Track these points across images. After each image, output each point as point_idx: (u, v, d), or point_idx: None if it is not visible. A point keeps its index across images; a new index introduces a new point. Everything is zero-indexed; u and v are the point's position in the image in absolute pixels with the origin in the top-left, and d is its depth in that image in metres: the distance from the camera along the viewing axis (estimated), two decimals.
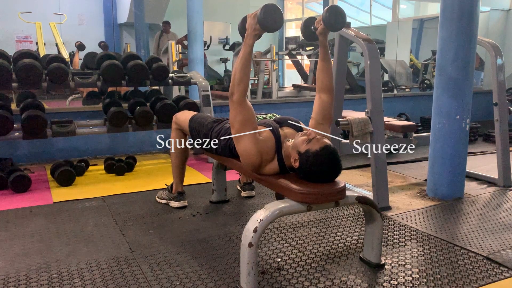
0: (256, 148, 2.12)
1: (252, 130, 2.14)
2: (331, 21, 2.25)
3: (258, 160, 2.14)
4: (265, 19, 2.02)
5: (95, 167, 4.11)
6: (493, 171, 3.76)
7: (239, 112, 2.13)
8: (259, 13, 2.03)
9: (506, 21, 7.79)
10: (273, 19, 2.05)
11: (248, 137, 2.13)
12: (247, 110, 2.14)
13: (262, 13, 2.02)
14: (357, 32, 3.20)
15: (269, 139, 2.18)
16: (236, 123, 2.16)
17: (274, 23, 2.05)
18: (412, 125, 4.09)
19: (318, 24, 2.33)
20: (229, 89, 2.14)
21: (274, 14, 2.04)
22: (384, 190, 3.09)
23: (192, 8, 5.92)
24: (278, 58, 8.96)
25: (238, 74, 2.12)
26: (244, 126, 2.14)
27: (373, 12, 11.88)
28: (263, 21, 2.03)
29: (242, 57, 2.11)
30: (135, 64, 3.86)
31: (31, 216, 2.89)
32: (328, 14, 2.24)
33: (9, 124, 3.44)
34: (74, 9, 10.01)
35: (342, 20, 2.26)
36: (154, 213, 2.96)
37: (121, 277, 2.09)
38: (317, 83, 2.41)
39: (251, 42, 2.10)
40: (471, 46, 3.12)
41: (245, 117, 2.14)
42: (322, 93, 2.39)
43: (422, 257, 2.34)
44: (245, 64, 2.11)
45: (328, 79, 2.38)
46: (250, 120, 2.15)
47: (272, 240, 2.54)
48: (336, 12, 2.24)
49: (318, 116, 2.37)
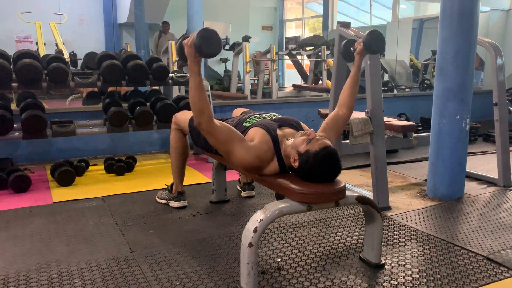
0: (250, 154, 2.10)
1: (238, 141, 2.10)
2: (371, 44, 2.38)
3: (256, 164, 2.12)
4: (202, 45, 1.91)
5: (95, 167, 4.11)
6: (493, 171, 3.76)
7: (216, 136, 2.08)
8: (195, 40, 1.92)
9: (506, 21, 7.79)
10: (210, 44, 1.93)
11: (238, 149, 2.09)
12: (221, 130, 2.09)
13: (198, 40, 1.91)
14: (357, 32, 3.20)
15: (265, 141, 2.15)
16: (219, 145, 2.12)
17: (212, 48, 1.94)
18: (412, 125, 4.08)
19: (358, 44, 2.47)
20: (195, 121, 2.08)
21: (210, 39, 1.93)
22: (384, 190, 3.09)
23: (192, 8, 5.92)
24: (278, 58, 8.97)
25: (197, 105, 2.02)
26: (228, 143, 2.09)
27: (373, 12, 11.88)
28: (201, 48, 1.92)
29: (194, 87, 2.00)
30: (135, 64, 3.86)
31: (31, 216, 2.89)
32: (369, 37, 2.37)
33: (9, 124, 3.44)
34: (74, 9, 10.01)
35: (382, 45, 2.42)
36: (154, 213, 2.96)
37: (121, 277, 2.10)
38: (340, 97, 2.47)
39: (196, 69, 2.01)
40: (471, 46, 3.12)
41: (224, 135, 2.09)
42: (342, 108, 2.43)
43: (422, 257, 2.34)
44: (200, 92, 2.01)
45: (352, 97, 2.45)
46: (230, 135, 2.10)
47: (272, 240, 2.54)
48: (377, 37, 2.39)
49: (329, 125, 2.38)
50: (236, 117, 2.54)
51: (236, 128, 2.37)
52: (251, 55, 8.93)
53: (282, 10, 13.90)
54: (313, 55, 9.08)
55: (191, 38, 1.94)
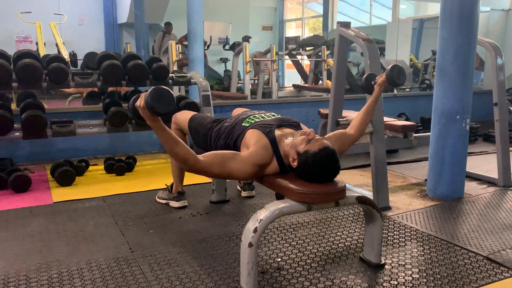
0: (247, 165, 2.09)
1: (231, 160, 2.07)
2: (393, 78, 2.50)
3: (256, 170, 2.12)
4: (155, 106, 1.82)
5: (95, 167, 4.11)
6: (493, 171, 3.76)
7: (210, 170, 2.04)
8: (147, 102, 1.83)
9: (506, 21, 7.79)
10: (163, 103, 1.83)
11: (235, 166, 2.07)
12: (212, 162, 2.04)
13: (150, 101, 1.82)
14: (357, 32, 3.21)
15: (261, 145, 2.13)
16: (219, 174, 2.09)
17: (166, 107, 1.83)
18: (412, 125, 4.08)
19: (380, 77, 2.57)
20: (185, 167, 2.02)
21: (161, 98, 1.83)
22: (384, 190, 3.09)
23: (192, 8, 5.92)
24: (278, 58, 8.97)
25: (178, 156, 1.96)
26: (224, 167, 2.06)
27: (373, 12, 11.89)
28: (154, 109, 1.83)
29: (165, 141, 1.93)
30: (135, 64, 3.86)
31: (31, 216, 2.89)
32: (392, 72, 2.50)
33: (9, 124, 3.44)
34: (74, 9, 10.00)
35: (403, 78, 2.53)
36: (154, 213, 2.96)
37: (121, 277, 2.10)
38: (354, 120, 2.52)
39: (159, 125, 1.90)
40: (471, 46, 3.12)
41: (217, 165, 2.05)
42: (352, 129, 2.47)
43: (422, 257, 2.34)
44: (173, 144, 1.94)
45: (364, 124, 2.51)
46: (221, 160, 2.06)
47: (272, 240, 2.54)
48: (399, 71, 2.51)
49: (335, 140, 2.35)
50: (234, 116, 2.54)
51: (235, 128, 2.37)
52: (251, 55, 8.94)
53: (282, 10, 13.90)
54: (313, 55, 9.08)
55: (142, 100, 1.84)
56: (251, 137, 2.20)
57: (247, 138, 2.22)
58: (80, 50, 8.15)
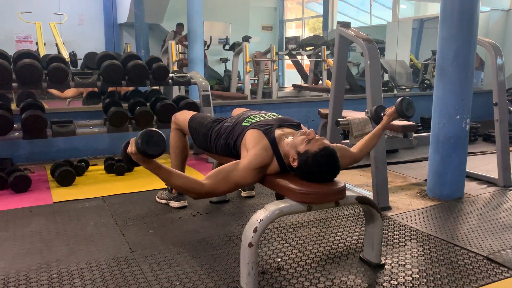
0: (249, 171, 2.09)
1: (235, 171, 2.08)
2: (403, 110, 2.57)
3: (258, 173, 2.12)
4: (147, 149, 1.83)
5: (95, 167, 4.11)
6: (493, 171, 3.76)
7: (217, 189, 2.05)
8: (138, 147, 1.84)
9: (506, 21, 7.79)
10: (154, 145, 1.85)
11: (238, 175, 2.08)
12: (217, 182, 2.05)
13: (141, 146, 1.83)
14: (357, 32, 3.21)
15: (261, 147, 2.13)
16: (227, 189, 2.10)
17: (158, 148, 1.85)
18: (412, 125, 4.08)
19: (389, 109, 2.62)
20: (191, 196, 2.04)
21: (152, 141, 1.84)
22: (384, 190, 3.09)
23: (192, 8, 5.91)
24: (278, 58, 8.96)
25: (183, 188, 2.00)
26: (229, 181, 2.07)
27: (373, 12, 11.89)
28: (147, 153, 1.85)
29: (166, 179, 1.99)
30: (135, 64, 3.86)
31: (31, 216, 2.89)
32: (402, 105, 2.56)
33: (9, 124, 3.44)
34: (74, 9, 10.00)
35: (412, 111, 2.60)
36: (154, 213, 2.96)
37: (121, 277, 2.10)
38: (360, 142, 2.55)
39: (155, 165, 1.95)
40: (471, 46, 3.12)
41: (222, 182, 2.06)
42: (355, 149, 2.49)
43: (422, 257, 2.34)
44: (176, 178, 1.98)
45: (368, 147, 2.53)
46: (225, 175, 2.06)
47: (272, 240, 2.54)
48: (408, 104, 2.59)
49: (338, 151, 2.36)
50: (235, 116, 2.54)
51: (235, 128, 2.37)
52: (251, 55, 8.93)
53: (282, 10, 13.89)
54: (313, 55, 9.08)
55: (132, 146, 1.85)
56: (250, 138, 2.20)
57: (247, 139, 2.22)
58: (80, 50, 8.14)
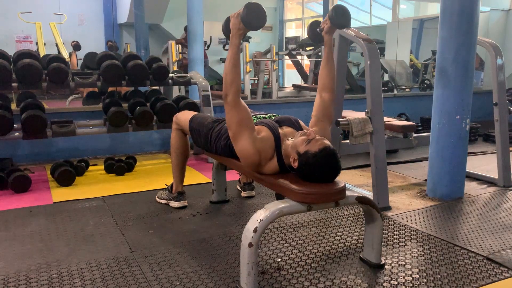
0: (254, 147, 2.12)
1: (249, 130, 2.15)
2: (337, 19, 2.37)
3: (257, 159, 2.14)
4: (248, 17, 2.04)
5: (95, 167, 4.11)
6: (493, 171, 3.76)
7: (235, 113, 2.14)
8: (242, 12, 2.04)
9: (506, 21, 7.79)
10: (257, 17, 2.06)
11: (246, 137, 2.13)
12: (242, 110, 2.15)
13: (245, 12, 2.03)
14: (357, 32, 3.20)
15: (268, 138, 2.18)
16: (233, 124, 2.16)
17: (257, 20, 2.06)
18: (412, 125, 4.09)
19: (324, 24, 2.43)
20: (223, 91, 2.15)
21: (257, 12, 2.06)
22: (384, 190, 3.09)
23: (192, 8, 5.92)
24: (278, 58, 8.96)
25: (229, 76, 2.13)
26: (241, 126, 2.14)
27: (373, 12, 11.88)
28: (247, 19, 2.04)
29: (231, 57, 2.13)
30: (135, 64, 3.86)
31: (31, 216, 2.89)
32: (334, 12, 2.36)
33: (9, 124, 3.44)
34: (74, 9, 10.01)
35: (347, 18, 2.39)
36: (154, 213, 2.96)
37: (121, 277, 2.10)
38: (319, 81, 2.46)
39: (237, 41, 2.12)
40: (471, 46, 3.12)
41: (242, 117, 2.14)
42: (323, 92, 2.43)
43: (422, 257, 2.34)
44: (234, 64, 2.13)
45: (331, 79, 2.43)
46: (246, 120, 2.15)
47: (272, 240, 2.54)
48: (342, 10, 2.38)
49: (319, 114, 2.40)
50: None
51: None
52: (251, 55, 8.93)
53: (282, 10, 13.89)
54: (313, 55, 9.08)
55: (238, 11, 2.05)
56: (259, 130, 2.22)
57: None
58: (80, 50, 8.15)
